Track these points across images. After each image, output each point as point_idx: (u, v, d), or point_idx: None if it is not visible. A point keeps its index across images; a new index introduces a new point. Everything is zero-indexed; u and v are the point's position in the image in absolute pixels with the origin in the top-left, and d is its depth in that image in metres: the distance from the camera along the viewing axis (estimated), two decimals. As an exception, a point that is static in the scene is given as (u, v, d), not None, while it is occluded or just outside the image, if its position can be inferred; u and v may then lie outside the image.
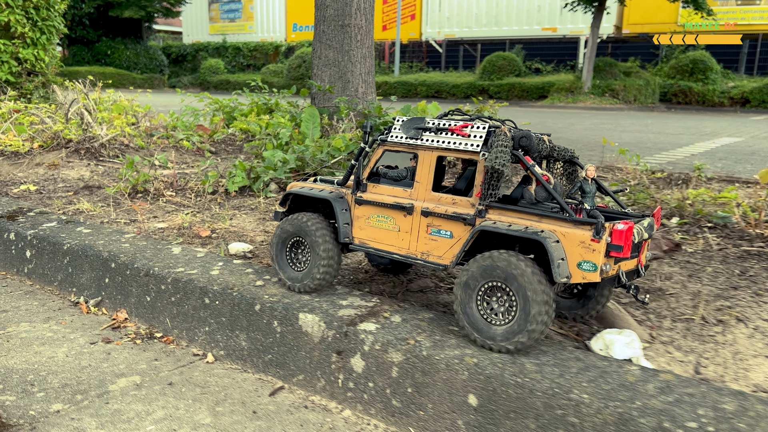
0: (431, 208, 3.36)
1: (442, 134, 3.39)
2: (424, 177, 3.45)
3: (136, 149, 8.55)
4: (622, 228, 2.83)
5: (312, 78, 9.04)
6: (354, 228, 3.71)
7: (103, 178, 7.38)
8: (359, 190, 3.67)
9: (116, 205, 6.39)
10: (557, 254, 2.90)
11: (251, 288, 3.86)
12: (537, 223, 3.03)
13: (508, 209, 3.13)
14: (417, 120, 3.54)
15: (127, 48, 40.33)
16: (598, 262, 2.86)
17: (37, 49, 12.52)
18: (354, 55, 8.52)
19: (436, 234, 3.37)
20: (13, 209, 5.83)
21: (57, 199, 6.62)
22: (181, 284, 4.08)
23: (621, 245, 2.84)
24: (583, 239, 2.88)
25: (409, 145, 3.51)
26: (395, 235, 3.53)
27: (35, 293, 4.89)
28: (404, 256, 3.48)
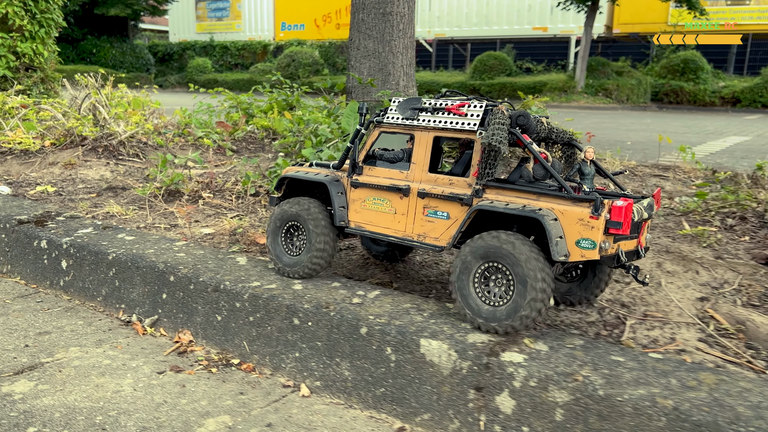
0: (428, 189, 3.29)
1: (439, 114, 3.31)
2: (421, 158, 3.38)
3: (154, 147, 7.86)
4: (621, 204, 2.77)
5: (348, 70, 8.32)
6: (350, 211, 3.63)
7: (126, 179, 6.69)
8: (355, 173, 3.60)
9: (150, 208, 5.72)
10: (555, 232, 2.83)
11: (349, 306, 3.27)
12: (535, 202, 2.96)
13: (505, 188, 3.05)
14: (413, 100, 3.43)
15: (112, 46, 39.27)
16: (597, 239, 2.79)
17: (35, 42, 11.75)
18: (396, 46, 7.87)
19: (433, 215, 3.30)
20: (39, 213, 5.14)
21: (81, 202, 5.94)
22: (261, 302, 3.46)
23: (620, 222, 2.78)
24: (582, 216, 2.82)
25: (405, 126, 3.43)
26: (391, 218, 3.46)
27: (76, 310, 4.23)
28: (400, 239, 3.40)
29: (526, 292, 2.86)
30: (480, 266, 3.02)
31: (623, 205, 2.79)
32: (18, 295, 4.48)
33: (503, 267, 2.95)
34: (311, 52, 33.87)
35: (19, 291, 4.57)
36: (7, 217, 5.03)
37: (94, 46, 37.98)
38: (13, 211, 5.21)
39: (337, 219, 3.60)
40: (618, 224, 2.81)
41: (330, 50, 35.21)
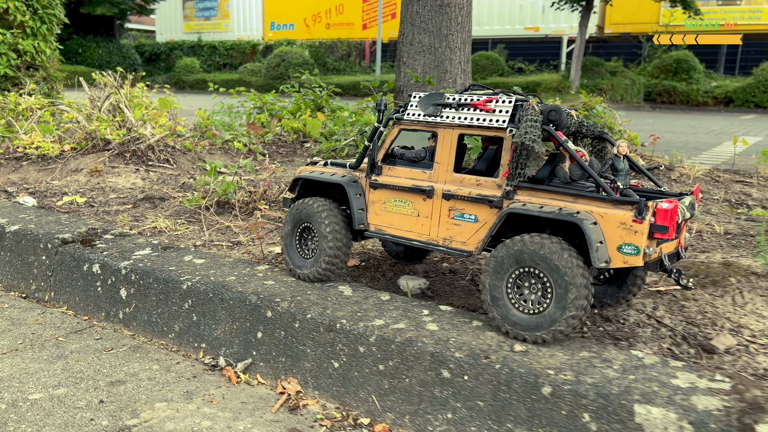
0: (453, 190, 3.08)
1: (464, 110, 3.07)
2: (445, 157, 3.15)
3: (182, 152, 7.10)
4: (667, 207, 2.57)
5: (399, 67, 7.53)
6: (369, 213, 3.41)
7: (161, 187, 5.95)
8: (374, 173, 3.38)
9: (197, 221, 5.00)
10: (595, 237, 2.63)
11: (514, 356, 2.66)
12: (572, 204, 2.74)
13: (538, 189, 2.83)
14: (436, 96, 3.20)
15: (99, 46, 38.11)
16: (641, 244, 2.59)
17: (37, 40, 10.89)
18: (453, 41, 7.15)
19: (459, 218, 3.08)
20: (84, 231, 4.40)
21: (118, 215, 5.19)
22: (394, 347, 2.81)
23: (666, 226, 2.58)
24: (624, 220, 2.62)
25: (427, 123, 3.20)
26: (414, 221, 3.24)
27: (145, 350, 3.52)
28: (425, 243, 3.18)
29: (566, 298, 2.63)
30: (515, 270, 2.80)
31: (669, 207, 2.58)
32: (71, 330, 3.76)
33: (540, 272, 2.72)
34: (301, 52, 33.11)
35: (71, 325, 3.84)
36: (48, 236, 4.28)
37: (80, 46, 36.83)
38: (51, 228, 4.46)
39: (356, 222, 3.39)
40: (664, 228, 2.60)
41: (320, 50, 34.49)
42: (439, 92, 3.23)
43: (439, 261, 4.26)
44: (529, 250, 2.73)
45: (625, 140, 3.44)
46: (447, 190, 3.11)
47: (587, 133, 3.21)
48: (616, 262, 2.66)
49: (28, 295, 4.35)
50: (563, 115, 2.90)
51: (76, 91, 11.23)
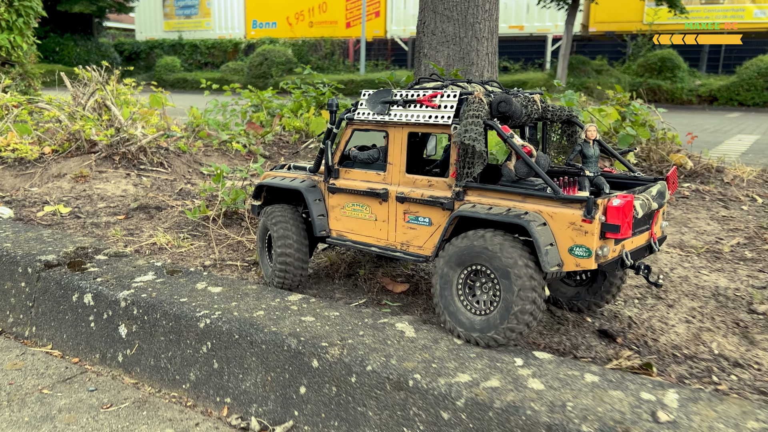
0: (406, 192, 2.94)
1: (411, 107, 2.92)
2: (397, 157, 3.00)
3: (177, 154, 6.32)
4: (618, 204, 2.39)
5: (419, 59, 6.73)
6: (330, 219, 3.29)
7: (156, 194, 5.19)
8: (331, 177, 3.26)
9: (202, 234, 4.26)
10: (544, 239, 2.47)
11: (658, 430, 1.88)
12: (521, 204, 2.60)
13: (487, 189, 2.70)
14: (383, 93, 3.04)
15: (77, 45, 36.89)
16: (592, 246, 2.41)
17: (13, 34, 9.99)
18: (480, 30, 6.40)
19: (414, 221, 2.96)
20: (71, 251, 3.63)
21: (110, 228, 4.43)
22: (491, 414, 2.32)
23: (618, 225, 2.40)
24: (574, 220, 2.45)
25: (377, 122, 3.06)
26: (372, 225, 3.12)
27: (153, 405, 2.79)
28: (383, 248, 3.07)
29: (512, 295, 2.48)
30: (464, 269, 2.66)
31: (621, 203, 2.38)
32: (59, 377, 3.01)
33: (486, 269, 2.58)
34: (284, 50, 32.34)
35: (58, 370, 3.09)
36: (27, 257, 3.51)
37: (57, 44, 35.62)
38: (31, 247, 3.69)
39: (317, 229, 3.26)
40: (615, 228, 2.40)
41: (303, 48, 33.75)
42: (386, 89, 3.04)
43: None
44: (475, 246, 2.59)
45: (594, 125, 3.02)
46: (400, 192, 2.95)
47: (553, 118, 3.05)
48: (569, 265, 2.47)
49: (4, 329, 3.59)
50: (514, 105, 2.70)
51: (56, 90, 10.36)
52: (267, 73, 31.73)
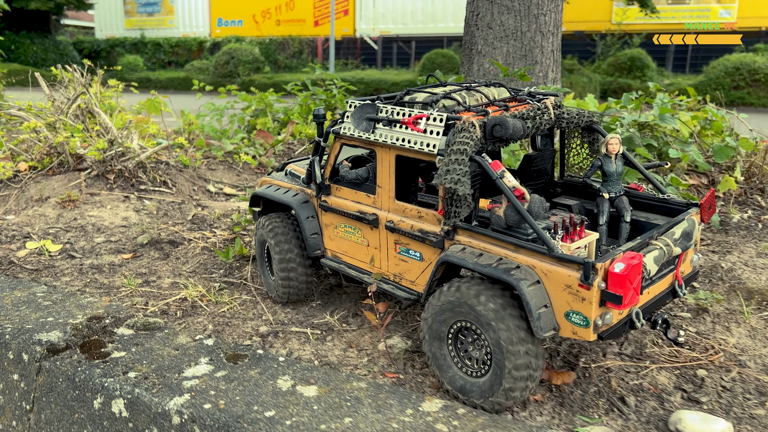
0: (396, 222, 2.66)
1: (396, 127, 2.58)
2: (386, 181, 2.69)
3: (179, 169, 5.20)
4: (620, 271, 1.99)
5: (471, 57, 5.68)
6: (325, 238, 3.05)
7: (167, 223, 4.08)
8: (322, 194, 2.98)
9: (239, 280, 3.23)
10: (536, 301, 2.12)
11: None
12: (513, 254, 2.26)
13: (479, 233, 2.38)
14: (368, 107, 2.70)
15: (33, 43, 34.82)
16: (590, 315, 2.05)
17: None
18: (545, 23, 5.46)
19: (405, 254, 2.66)
20: (81, 322, 2.60)
21: (115, 273, 3.38)
22: None
23: (620, 295, 2.01)
24: (570, 283, 2.08)
25: (363, 140, 2.74)
26: (365, 250, 2.84)
27: None
28: None
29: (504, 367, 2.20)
30: (454, 323, 2.39)
31: (623, 270, 1.99)
32: None
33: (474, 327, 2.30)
34: (251, 49, 31.08)
35: None
36: (20, 336, 2.46)
37: (12, 42, 33.53)
38: (23, 318, 2.61)
39: (310, 249, 3.08)
40: (617, 298, 2.02)
41: (271, 47, 32.52)
42: (371, 104, 2.71)
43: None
44: (464, 302, 2.32)
45: (617, 135, 2.59)
46: (390, 221, 2.71)
47: (570, 125, 2.74)
48: (566, 332, 2.18)
49: (-7, 442, 2.49)
50: (510, 128, 2.39)
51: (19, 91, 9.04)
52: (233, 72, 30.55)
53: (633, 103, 5.62)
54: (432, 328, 2.45)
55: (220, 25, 34.72)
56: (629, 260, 2.04)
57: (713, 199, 2.59)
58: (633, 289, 2.06)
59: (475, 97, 2.71)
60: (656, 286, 2.39)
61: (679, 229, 2.36)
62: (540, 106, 2.62)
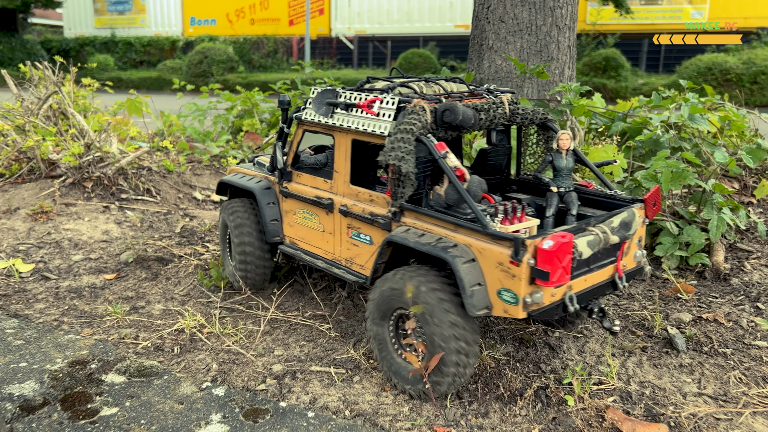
0: (349, 206, 2.70)
1: (353, 111, 2.63)
2: (342, 165, 2.74)
3: (162, 175, 4.71)
4: (548, 247, 2.01)
5: (481, 53, 5.23)
6: (284, 225, 3.06)
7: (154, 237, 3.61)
8: (284, 180, 3.02)
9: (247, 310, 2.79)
10: (470, 278, 2.16)
11: None
12: (453, 234, 2.29)
13: (423, 213, 2.42)
14: (329, 92, 2.75)
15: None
16: (520, 292, 2.08)
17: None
18: (562, 16, 5.05)
19: (357, 238, 2.67)
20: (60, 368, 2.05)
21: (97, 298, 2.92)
22: None
23: (547, 271, 2.02)
24: (502, 260, 2.11)
25: (323, 125, 2.79)
26: (321, 236, 2.86)
27: None
28: (329, 262, 2.86)
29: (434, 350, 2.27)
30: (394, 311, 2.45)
31: (552, 246, 2.00)
32: None
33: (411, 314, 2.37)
34: (225, 48, 30.43)
35: None
36: None
37: (-24, 41, 32.30)
38: None
39: (269, 235, 3.06)
40: (544, 274, 2.04)
41: (245, 46, 31.88)
42: (332, 89, 2.77)
43: None
44: (397, 288, 2.35)
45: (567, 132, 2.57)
46: (344, 205, 2.73)
47: (524, 121, 2.81)
48: (497, 310, 2.18)
49: None
50: (460, 114, 2.39)
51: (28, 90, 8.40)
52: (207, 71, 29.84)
53: (666, 102, 5.24)
54: (375, 313, 2.49)
55: (193, 24, 33.98)
56: (559, 238, 2.05)
57: (658, 196, 2.60)
58: (562, 267, 2.06)
59: (433, 89, 2.73)
60: (595, 275, 2.42)
61: (618, 218, 2.39)
62: (495, 100, 2.65)
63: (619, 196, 2.67)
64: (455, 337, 2.20)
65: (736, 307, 3.56)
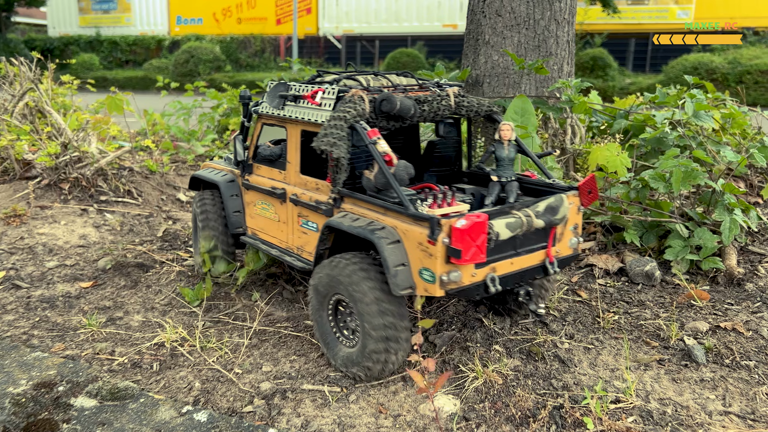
0: (299, 194, 2.74)
1: (301, 103, 2.71)
2: (293, 156, 2.80)
3: (144, 176, 4.46)
4: (462, 226, 2.07)
5: (477, 48, 4.99)
6: (246, 216, 3.12)
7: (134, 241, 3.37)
8: (246, 172, 3.08)
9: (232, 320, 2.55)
10: (394, 259, 2.21)
11: None
12: (383, 217, 2.36)
13: (359, 198, 2.48)
14: (281, 86, 2.83)
15: (-19, 40, 33.08)
16: (436, 270, 2.14)
17: None
18: (561, 10, 4.82)
19: (306, 226, 2.72)
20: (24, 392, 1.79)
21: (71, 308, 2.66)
22: None
23: (459, 249, 2.07)
24: (421, 240, 2.18)
25: (276, 117, 2.86)
26: (276, 226, 2.91)
27: None
28: (282, 251, 2.89)
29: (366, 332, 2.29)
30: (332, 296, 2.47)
31: (465, 225, 2.07)
32: None
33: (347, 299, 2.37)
34: (211, 47, 30.07)
35: None
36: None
37: (-41, 40, 31.76)
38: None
39: (232, 226, 3.10)
40: (457, 252, 2.08)
41: (232, 46, 31.53)
42: (284, 82, 2.82)
43: None
44: (332, 274, 2.41)
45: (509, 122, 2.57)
46: (294, 194, 2.77)
47: (469, 113, 2.81)
48: (420, 289, 2.24)
49: None
50: (398, 104, 2.46)
51: None
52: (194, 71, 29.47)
53: (671, 98, 5.02)
54: (315, 298, 2.53)
55: (179, 23, 33.57)
56: (473, 218, 2.10)
57: (594, 184, 2.60)
58: (476, 246, 2.10)
59: (381, 82, 2.76)
60: (523, 258, 2.44)
61: (544, 203, 2.42)
62: (440, 93, 2.70)
63: (557, 184, 2.73)
64: (383, 321, 2.24)
65: (754, 314, 3.34)
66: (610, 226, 4.48)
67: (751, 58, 24.72)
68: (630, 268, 3.91)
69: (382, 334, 2.26)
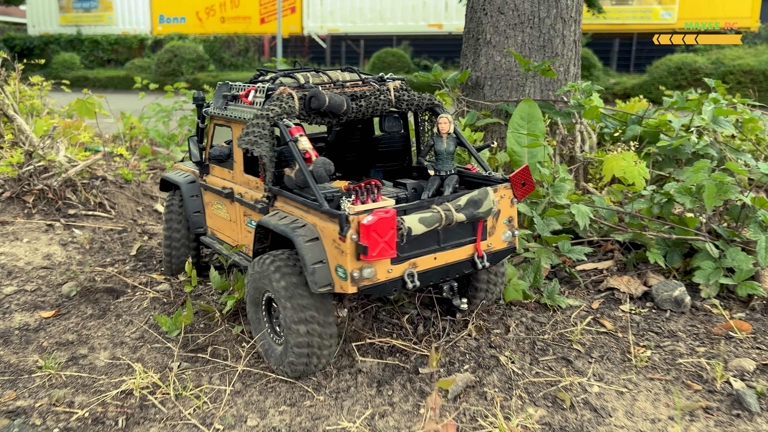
0: (243, 194, 2.78)
1: (240, 103, 2.76)
2: (238, 155, 2.81)
3: (118, 185, 4.05)
4: (368, 222, 2.06)
5: (478, 48, 4.60)
6: (207, 216, 3.16)
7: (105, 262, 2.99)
8: (203, 173, 3.13)
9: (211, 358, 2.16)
10: (311, 256, 2.20)
11: None
12: (305, 214, 2.37)
13: (287, 196, 2.49)
14: (224, 86, 2.91)
15: (-41, 39, 32.39)
16: (347, 266, 2.14)
17: None
18: (567, 7, 4.44)
19: (250, 225, 2.75)
20: None
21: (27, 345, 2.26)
22: None
23: (366, 246, 2.06)
24: (334, 237, 2.18)
25: (223, 117, 2.89)
26: (229, 225, 2.94)
27: None
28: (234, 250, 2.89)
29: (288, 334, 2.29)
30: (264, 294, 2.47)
31: (371, 221, 2.04)
32: None
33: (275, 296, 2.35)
34: (195, 47, 29.66)
35: None
36: None
37: (-65, 39, 31.07)
38: None
39: (192, 226, 3.14)
40: (364, 249, 2.06)
41: (215, 45, 31.12)
42: (227, 83, 2.86)
43: None
44: (260, 272, 2.43)
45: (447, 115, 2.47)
46: (239, 193, 2.80)
47: (411, 107, 2.81)
48: (337, 286, 2.22)
49: None
50: (326, 101, 2.45)
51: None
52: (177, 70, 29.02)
53: (692, 103, 4.60)
54: (248, 296, 2.53)
55: (161, 22, 33.10)
56: (381, 213, 2.08)
57: (528, 175, 2.58)
58: (385, 242, 2.07)
59: (321, 79, 2.75)
60: (448, 253, 2.41)
61: (465, 197, 2.39)
62: (380, 88, 2.68)
63: (493, 177, 2.73)
64: (305, 318, 2.24)
65: (802, 349, 2.96)
66: (630, 243, 4.15)
67: (734, 59, 24.73)
68: (657, 293, 3.54)
69: (303, 329, 2.24)
